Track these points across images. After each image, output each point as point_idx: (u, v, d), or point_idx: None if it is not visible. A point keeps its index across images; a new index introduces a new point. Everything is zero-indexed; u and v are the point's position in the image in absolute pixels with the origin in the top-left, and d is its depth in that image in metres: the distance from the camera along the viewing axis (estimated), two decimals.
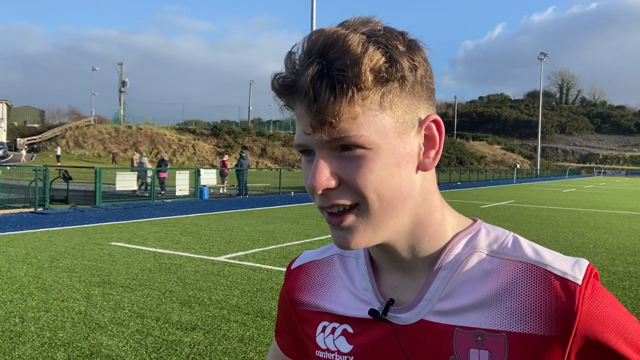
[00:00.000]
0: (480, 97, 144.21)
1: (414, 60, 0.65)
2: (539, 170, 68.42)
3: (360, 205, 0.65)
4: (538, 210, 17.99)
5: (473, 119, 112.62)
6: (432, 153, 0.69)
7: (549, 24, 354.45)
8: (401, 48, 0.64)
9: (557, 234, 11.75)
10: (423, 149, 0.69)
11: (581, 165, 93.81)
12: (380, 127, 0.63)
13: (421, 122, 0.68)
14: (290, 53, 0.64)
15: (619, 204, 22.26)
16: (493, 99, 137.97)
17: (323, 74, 0.60)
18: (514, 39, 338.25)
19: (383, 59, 0.62)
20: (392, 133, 0.65)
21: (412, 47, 0.65)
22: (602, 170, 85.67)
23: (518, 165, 71.81)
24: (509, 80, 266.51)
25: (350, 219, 0.66)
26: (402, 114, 0.65)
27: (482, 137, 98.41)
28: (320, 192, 0.64)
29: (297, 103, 0.64)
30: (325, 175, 0.64)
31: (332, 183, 0.64)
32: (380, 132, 0.63)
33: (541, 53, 72.06)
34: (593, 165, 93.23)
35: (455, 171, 48.60)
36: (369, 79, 0.61)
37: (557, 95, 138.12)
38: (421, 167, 0.69)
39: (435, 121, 0.69)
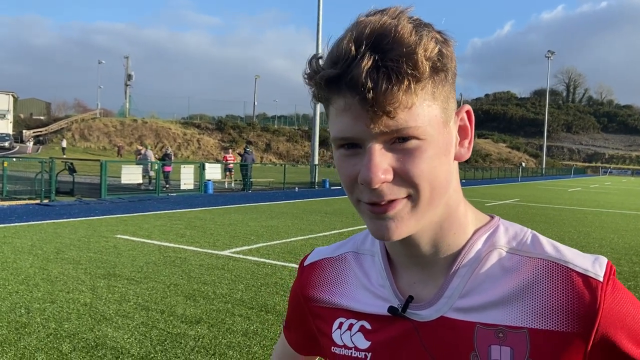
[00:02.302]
0: (486, 95, 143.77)
1: (449, 51, 0.65)
2: (544, 169, 68.16)
3: (411, 196, 0.64)
4: (543, 209, 17.94)
5: (479, 117, 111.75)
6: (466, 143, 0.71)
7: (558, 22, 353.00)
8: (440, 38, 0.64)
9: (563, 233, 11.72)
10: (458, 138, 0.70)
11: (587, 164, 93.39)
12: (433, 117, 0.63)
13: (457, 112, 0.69)
14: (336, 45, 0.62)
15: (625, 203, 22.16)
16: (499, 97, 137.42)
17: (378, 65, 0.59)
18: (523, 37, 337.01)
19: (437, 48, 0.61)
20: (440, 123, 0.65)
21: (446, 38, 0.65)
22: (608, 170, 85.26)
23: (523, 164, 71.59)
24: (516, 78, 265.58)
25: (398, 207, 0.64)
26: (446, 104, 0.66)
27: (487, 135, 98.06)
28: (377, 186, 0.62)
29: (342, 96, 0.62)
30: (382, 168, 0.62)
31: (390, 176, 0.63)
32: (432, 123, 0.63)
33: (548, 51, 71.54)
34: (599, 164, 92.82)
35: (460, 169, 48.16)
36: (426, 68, 0.60)
37: (564, 94, 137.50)
38: (457, 156, 0.70)
39: (468, 112, 0.71)
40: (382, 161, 0.62)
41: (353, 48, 0.60)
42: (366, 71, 0.59)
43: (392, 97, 0.59)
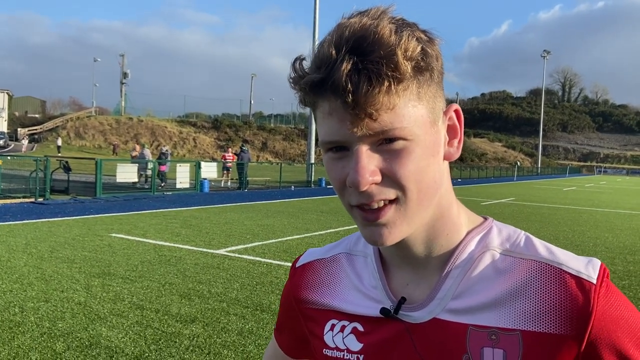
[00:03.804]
0: (483, 94, 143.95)
1: (434, 50, 0.64)
2: (539, 168, 68.38)
3: (399, 198, 0.64)
4: (538, 208, 17.99)
5: (475, 116, 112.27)
6: (455, 142, 0.70)
7: (555, 22, 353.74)
8: (424, 37, 0.63)
9: (557, 232, 11.76)
10: (447, 138, 0.69)
11: (582, 163, 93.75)
12: (419, 118, 0.63)
13: (445, 112, 0.69)
14: (318, 50, 0.62)
15: (620, 203, 22.26)
16: (495, 96, 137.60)
17: (358, 68, 0.59)
18: (520, 37, 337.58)
19: (419, 48, 0.61)
20: (427, 123, 0.64)
21: (430, 36, 0.65)
22: (603, 169, 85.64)
23: (519, 163, 71.72)
24: (513, 78, 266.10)
25: (389, 214, 0.64)
26: (432, 104, 0.65)
27: (483, 134, 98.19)
28: (365, 188, 0.62)
29: (326, 100, 0.62)
30: (369, 170, 0.62)
31: (378, 178, 0.62)
32: (418, 123, 0.63)
33: (544, 51, 71.76)
34: (594, 164, 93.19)
35: (456, 168, 48.53)
36: (408, 68, 0.60)
37: (560, 93, 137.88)
38: (447, 156, 0.69)
39: (456, 111, 0.70)
40: (369, 163, 0.62)
41: (334, 52, 0.60)
42: (346, 74, 0.59)
43: (373, 99, 0.59)
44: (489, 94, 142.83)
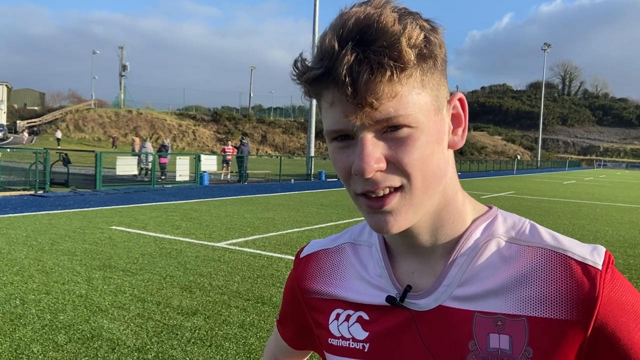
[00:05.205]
0: (483, 87, 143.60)
1: (438, 39, 0.65)
2: (539, 162, 68.38)
3: (404, 186, 0.64)
4: (538, 202, 18.01)
5: (474, 109, 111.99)
6: (460, 131, 0.71)
7: (556, 15, 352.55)
8: (428, 26, 0.64)
9: (557, 226, 11.77)
10: (451, 127, 0.70)
11: (582, 157, 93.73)
12: (423, 105, 0.63)
13: (449, 101, 0.69)
14: (321, 41, 0.62)
15: (619, 196, 22.27)
16: (495, 90, 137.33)
17: (360, 59, 0.59)
18: (521, 29, 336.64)
19: (422, 35, 0.61)
20: (432, 111, 0.65)
21: (433, 25, 0.65)
22: (603, 163, 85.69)
23: (518, 156, 71.71)
24: (514, 71, 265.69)
25: (394, 201, 0.65)
26: (436, 91, 0.65)
27: (483, 127, 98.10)
28: (370, 175, 0.62)
29: (330, 91, 0.62)
30: (374, 157, 0.62)
31: (383, 165, 0.63)
32: (422, 110, 0.63)
33: (545, 44, 71.50)
34: (594, 157, 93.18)
35: (455, 161, 48.42)
36: (412, 56, 0.60)
37: (560, 87, 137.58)
38: (451, 144, 0.70)
39: (460, 99, 0.70)
40: (375, 150, 0.62)
41: (336, 44, 0.60)
42: (349, 65, 0.59)
43: (374, 88, 0.59)
44: (489, 87, 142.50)
